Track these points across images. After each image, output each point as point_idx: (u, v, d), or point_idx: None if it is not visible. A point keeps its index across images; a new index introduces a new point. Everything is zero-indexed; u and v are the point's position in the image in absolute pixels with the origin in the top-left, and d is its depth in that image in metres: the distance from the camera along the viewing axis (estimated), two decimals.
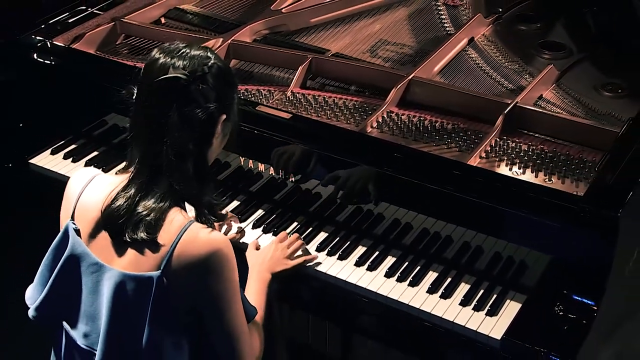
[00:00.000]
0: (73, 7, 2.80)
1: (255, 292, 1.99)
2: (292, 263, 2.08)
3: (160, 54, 1.77)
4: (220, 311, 1.74)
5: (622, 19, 2.47)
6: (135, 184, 1.76)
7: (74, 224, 1.82)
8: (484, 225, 2.08)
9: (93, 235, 1.79)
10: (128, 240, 1.72)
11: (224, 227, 2.22)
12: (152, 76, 1.75)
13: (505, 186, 2.02)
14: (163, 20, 2.90)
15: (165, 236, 1.71)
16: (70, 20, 2.74)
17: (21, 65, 2.68)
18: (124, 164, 2.38)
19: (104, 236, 1.77)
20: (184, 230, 1.70)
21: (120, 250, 1.75)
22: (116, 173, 1.88)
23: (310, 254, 2.15)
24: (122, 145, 2.52)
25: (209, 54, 1.80)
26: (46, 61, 2.63)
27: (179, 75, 1.71)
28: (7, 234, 3.04)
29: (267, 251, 2.09)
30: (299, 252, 2.13)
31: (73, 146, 2.57)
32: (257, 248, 2.16)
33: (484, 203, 2.01)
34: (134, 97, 1.81)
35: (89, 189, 1.82)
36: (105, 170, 2.44)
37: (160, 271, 1.69)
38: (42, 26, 2.70)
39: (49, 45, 2.63)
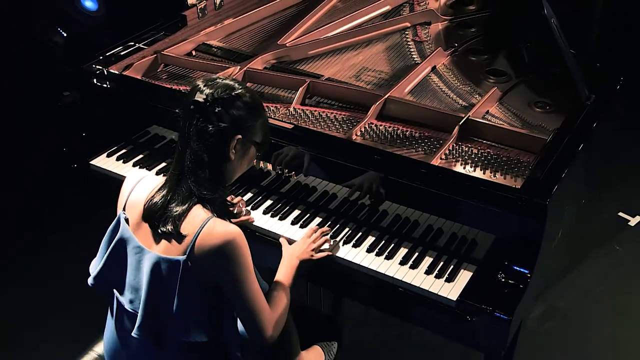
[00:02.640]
0: (124, 42, 2.80)
1: (284, 276, 1.96)
2: (316, 257, 2.04)
3: (199, 82, 1.78)
4: (238, 290, 1.74)
5: (547, 53, 2.47)
6: (168, 185, 1.77)
7: (125, 214, 1.83)
8: (444, 212, 2.09)
9: (138, 224, 1.80)
10: (160, 232, 1.73)
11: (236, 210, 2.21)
12: (187, 98, 1.77)
13: (460, 181, 2.02)
14: (194, 52, 2.89)
15: (189, 228, 1.71)
16: (122, 53, 2.72)
17: (84, 88, 2.68)
18: (164, 164, 2.41)
19: (145, 226, 1.78)
20: (204, 224, 1.70)
21: (156, 237, 1.76)
22: (163, 175, 1.88)
23: (333, 249, 2.09)
24: (161, 150, 2.55)
25: (236, 85, 1.79)
26: (103, 85, 2.62)
27: (199, 99, 1.72)
28: (73, 217, 3.04)
29: (297, 245, 2.06)
30: (324, 246, 2.09)
31: (123, 150, 2.56)
32: (290, 243, 2.11)
33: (443, 194, 2.02)
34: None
35: (138, 187, 1.84)
36: (149, 169, 2.46)
37: (185, 256, 1.69)
38: (100, 57, 2.68)
39: (105, 73, 2.61)
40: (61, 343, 2.82)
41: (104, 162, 2.52)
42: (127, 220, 1.82)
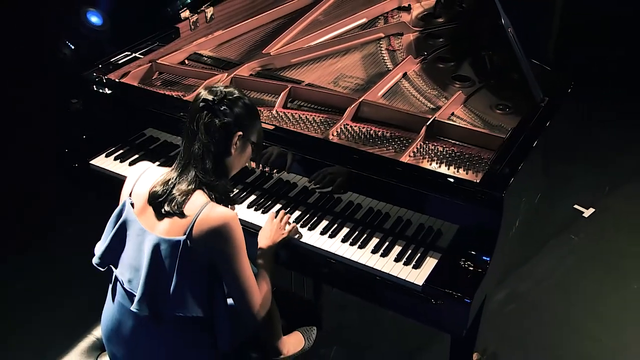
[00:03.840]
0: (122, 52, 2.75)
1: (264, 259, 1.96)
2: (286, 233, 2.05)
3: (203, 89, 1.84)
4: (231, 268, 1.74)
5: (507, 60, 2.43)
6: (175, 172, 1.79)
7: (131, 199, 1.83)
8: (412, 204, 2.06)
9: (142, 208, 1.80)
10: (164, 212, 1.72)
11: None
12: (194, 102, 1.79)
13: (426, 176, 2.00)
14: (186, 61, 2.85)
15: (190, 210, 1.72)
16: (119, 62, 2.68)
17: (84, 94, 2.63)
18: (157, 163, 2.37)
19: (149, 210, 1.79)
20: (203, 207, 1.71)
21: (159, 219, 1.76)
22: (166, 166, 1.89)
23: (296, 227, 2.10)
24: (156, 151, 2.51)
25: (235, 90, 1.85)
26: (102, 91, 2.57)
27: (208, 98, 1.76)
28: (77, 210, 2.99)
29: (267, 228, 2.05)
30: (288, 225, 2.09)
31: (121, 151, 2.51)
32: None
33: (411, 188, 2.00)
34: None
35: (143, 176, 1.85)
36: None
37: (185, 236, 1.70)
38: (100, 66, 2.64)
39: (104, 80, 2.57)
40: (60, 328, 2.79)
41: (103, 161, 2.48)
42: (132, 205, 1.82)
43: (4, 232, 3.54)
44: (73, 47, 4.29)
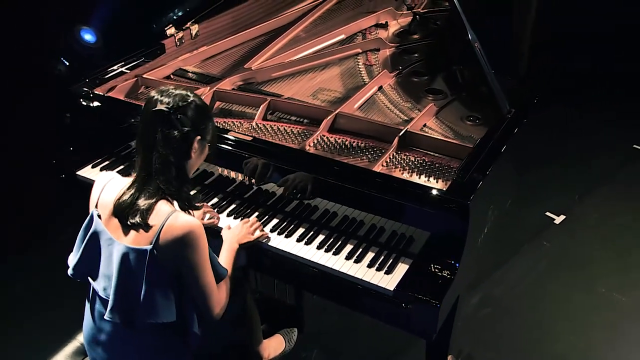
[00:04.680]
0: (109, 67, 2.73)
1: (226, 258, 1.94)
2: (253, 237, 2.02)
3: (155, 93, 1.76)
4: (195, 273, 1.70)
5: (476, 74, 2.42)
6: (135, 184, 1.73)
7: (97, 210, 1.77)
8: (385, 212, 2.04)
9: (108, 219, 1.75)
10: (129, 224, 1.68)
11: (207, 216, 2.15)
12: (147, 109, 1.73)
13: (398, 185, 1.98)
14: (172, 76, 2.83)
15: (155, 220, 1.67)
16: (106, 76, 2.66)
17: (72, 108, 2.60)
18: None
19: (115, 220, 1.74)
20: (168, 216, 1.66)
21: (125, 230, 1.72)
22: (130, 175, 1.84)
23: (264, 231, 2.08)
24: None
25: (188, 92, 1.77)
26: (89, 104, 2.55)
27: (163, 108, 1.69)
28: (61, 220, 2.96)
29: (236, 229, 2.03)
30: (257, 232, 2.06)
31: (107, 162, 2.48)
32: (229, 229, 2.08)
33: (383, 197, 1.97)
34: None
35: (107, 187, 1.80)
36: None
37: (151, 245, 1.65)
38: (87, 80, 2.61)
39: (91, 94, 2.55)
40: (45, 334, 2.73)
41: (89, 172, 2.45)
42: (99, 216, 1.78)
43: (3, 232, 3.51)
44: (67, 63, 4.27)
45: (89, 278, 1.81)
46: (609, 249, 3.35)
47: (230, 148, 2.18)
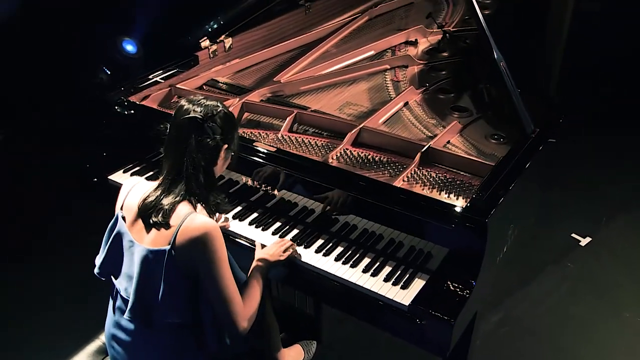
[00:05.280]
0: (144, 76, 2.75)
1: (256, 276, 1.89)
2: (284, 256, 1.96)
3: (186, 102, 1.80)
4: (212, 276, 1.69)
5: (502, 93, 2.36)
6: (161, 187, 1.76)
7: (122, 212, 1.80)
8: (404, 227, 1.99)
9: (133, 221, 1.77)
10: (152, 222, 1.69)
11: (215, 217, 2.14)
12: (179, 116, 1.76)
13: (417, 200, 1.94)
14: (204, 86, 2.85)
15: (174, 220, 1.69)
16: (140, 85, 2.68)
17: (107, 115, 2.62)
18: None
19: (139, 222, 1.76)
20: (186, 217, 1.67)
21: (147, 231, 1.73)
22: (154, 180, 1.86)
23: (298, 253, 2.01)
24: None
25: (218, 103, 1.80)
26: (123, 112, 2.57)
27: (197, 116, 1.70)
28: (93, 223, 2.99)
29: (269, 249, 1.98)
30: (290, 252, 2.00)
31: (137, 168, 2.50)
32: (262, 247, 2.03)
33: (402, 211, 1.93)
34: (167, 131, 1.80)
35: (133, 190, 1.83)
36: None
37: (169, 246, 1.66)
38: (122, 88, 2.64)
39: (125, 102, 2.57)
40: (69, 332, 2.74)
41: (120, 177, 2.46)
42: (123, 218, 1.80)
43: (20, 234, 3.56)
44: (109, 72, 4.34)
45: (112, 277, 1.83)
46: (635, 273, 3.22)
47: (254, 158, 2.17)
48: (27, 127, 4.44)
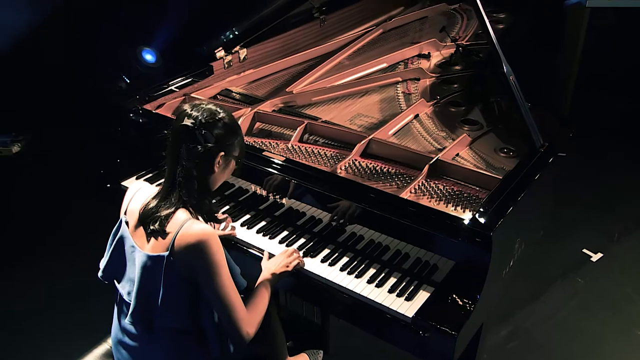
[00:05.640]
0: (159, 85, 2.77)
1: (262, 285, 1.88)
2: (290, 268, 1.95)
3: (187, 106, 1.77)
4: (210, 283, 1.68)
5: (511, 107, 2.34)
6: (160, 194, 1.75)
7: (125, 217, 1.80)
8: (409, 238, 1.97)
9: (135, 226, 1.77)
10: (150, 230, 1.68)
11: (222, 226, 2.12)
12: (175, 123, 1.74)
13: (422, 212, 1.91)
14: (218, 96, 2.86)
15: (172, 227, 1.68)
16: (155, 94, 2.70)
17: (122, 122, 2.65)
18: None
19: (140, 228, 1.75)
20: (183, 224, 1.66)
21: (147, 238, 1.73)
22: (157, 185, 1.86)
23: (303, 264, 1.99)
24: None
25: (219, 109, 1.76)
26: (138, 120, 2.59)
27: (188, 123, 1.69)
28: (105, 227, 3.01)
29: (275, 259, 1.97)
30: (296, 262, 1.98)
31: (150, 175, 2.51)
32: (270, 256, 2.02)
33: (407, 223, 1.91)
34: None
35: (137, 195, 1.82)
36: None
37: (168, 252, 1.65)
38: (137, 96, 2.66)
39: (140, 110, 2.59)
40: (77, 336, 2.75)
41: (133, 183, 2.47)
42: (127, 222, 1.80)
43: (32, 236, 3.59)
44: (128, 81, 4.39)
45: (115, 281, 1.83)
46: None
47: (263, 167, 2.17)
48: (47, 132, 4.51)
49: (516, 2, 4.01)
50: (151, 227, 1.69)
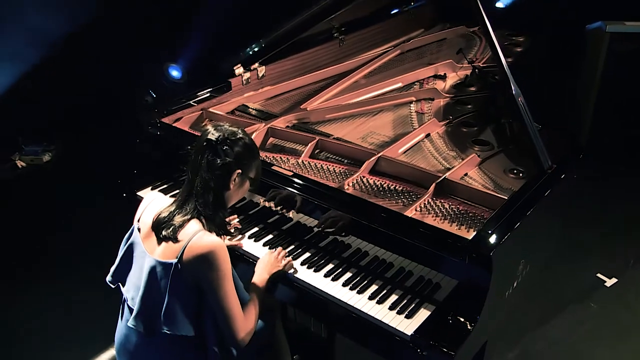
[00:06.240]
0: (178, 99, 2.80)
1: (256, 286, 1.92)
2: (281, 266, 1.99)
3: (210, 126, 1.84)
4: (215, 293, 1.70)
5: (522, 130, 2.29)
6: (176, 203, 1.79)
7: (138, 224, 1.83)
8: (411, 255, 1.94)
9: (147, 234, 1.80)
10: (162, 236, 1.72)
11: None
12: (200, 138, 1.77)
13: (425, 230, 1.88)
14: (236, 112, 2.87)
15: (183, 236, 1.71)
16: (173, 107, 2.73)
17: (140, 133, 2.66)
18: None
19: (152, 235, 1.78)
20: (194, 235, 1.69)
21: (158, 244, 1.76)
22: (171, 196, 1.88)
23: (290, 259, 2.03)
24: None
25: (239, 130, 1.84)
26: (156, 132, 2.61)
27: (211, 138, 1.73)
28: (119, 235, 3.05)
29: (265, 259, 2.01)
30: (286, 261, 2.02)
31: (165, 186, 2.53)
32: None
33: (408, 240, 1.89)
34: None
35: (151, 204, 1.86)
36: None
37: (177, 259, 1.67)
38: (155, 110, 2.69)
39: (158, 123, 2.62)
40: (84, 341, 2.77)
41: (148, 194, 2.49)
42: (139, 229, 1.83)
43: (39, 243, 3.60)
44: (154, 95, 4.45)
45: (121, 285, 1.84)
46: None
47: (271, 181, 2.17)
48: (73, 142, 4.60)
49: (536, 26, 3.98)
50: (163, 233, 1.73)
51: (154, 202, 1.86)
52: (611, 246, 3.56)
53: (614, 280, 3.28)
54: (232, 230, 2.14)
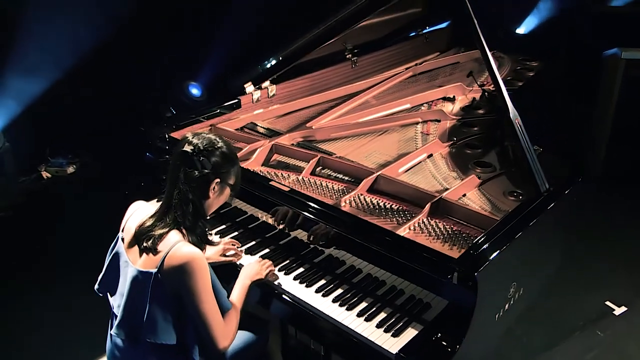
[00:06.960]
0: (188, 114, 2.84)
1: (238, 293, 1.91)
2: (263, 275, 1.98)
3: (189, 134, 1.81)
4: (194, 301, 1.69)
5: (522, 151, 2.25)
6: (157, 214, 1.77)
7: (122, 234, 1.82)
8: (402, 274, 1.91)
9: (130, 243, 1.80)
10: (143, 247, 1.71)
11: (230, 252, 2.14)
12: (177, 147, 1.77)
13: (415, 249, 1.85)
14: (245, 129, 2.89)
15: (163, 247, 1.70)
16: (182, 123, 2.76)
17: (149, 148, 2.68)
18: None
19: (134, 245, 1.78)
20: (174, 245, 1.68)
21: (140, 254, 1.75)
22: (157, 201, 1.88)
23: (274, 269, 2.04)
24: None
25: (218, 139, 1.80)
26: (164, 146, 2.64)
27: (187, 149, 1.71)
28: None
29: (248, 266, 2.00)
30: (268, 270, 2.02)
31: None
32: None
33: (397, 259, 1.86)
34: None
35: (135, 214, 1.84)
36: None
37: (157, 269, 1.67)
38: (165, 124, 2.72)
39: (166, 137, 2.64)
40: (87, 339, 2.77)
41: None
42: (122, 239, 1.83)
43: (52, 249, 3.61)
44: (175, 112, 4.52)
45: (108, 294, 1.84)
46: None
47: (267, 196, 2.16)
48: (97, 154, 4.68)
49: (551, 52, 3.93)
50: (144, 244, 1.72)
51: (137, 211, 1.84)
52: (622, 274, 3.44)
53: (624, 309, 3.16)
54: (231, 253, 2.13)
